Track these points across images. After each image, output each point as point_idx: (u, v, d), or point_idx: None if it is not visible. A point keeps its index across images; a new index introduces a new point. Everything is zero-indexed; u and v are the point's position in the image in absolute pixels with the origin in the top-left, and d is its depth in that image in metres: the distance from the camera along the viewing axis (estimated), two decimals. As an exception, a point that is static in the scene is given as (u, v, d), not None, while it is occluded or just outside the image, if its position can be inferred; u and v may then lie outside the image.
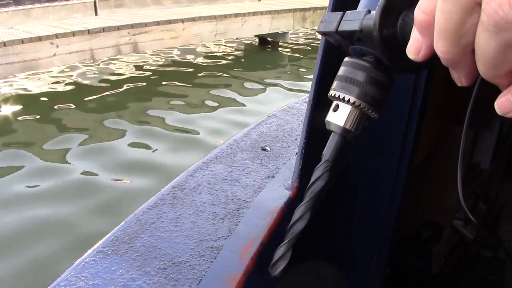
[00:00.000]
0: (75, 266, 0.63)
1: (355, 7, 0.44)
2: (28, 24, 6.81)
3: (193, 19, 7.83)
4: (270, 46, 9.68)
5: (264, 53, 9.52)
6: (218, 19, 8.17)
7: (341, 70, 0.46)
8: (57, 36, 6.34)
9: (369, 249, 1.05)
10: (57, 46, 6.36)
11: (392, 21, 0.38)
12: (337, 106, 0.46)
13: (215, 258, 0.65)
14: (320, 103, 0.75)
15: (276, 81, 7.62)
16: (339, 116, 0.46)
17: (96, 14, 7.74)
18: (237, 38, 9.50)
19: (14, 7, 7.10)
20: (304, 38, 10.63)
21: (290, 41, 9.92)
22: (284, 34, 9.51)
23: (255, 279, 0.64)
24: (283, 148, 1.00)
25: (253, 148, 0.99)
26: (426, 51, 0.34)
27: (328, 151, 0.48)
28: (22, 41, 6.04)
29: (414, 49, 0.35)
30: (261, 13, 8.83)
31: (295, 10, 9.38)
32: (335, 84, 0.46)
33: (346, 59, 0.46)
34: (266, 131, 1.09)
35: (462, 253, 1.83)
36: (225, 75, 7.80)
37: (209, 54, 8.96)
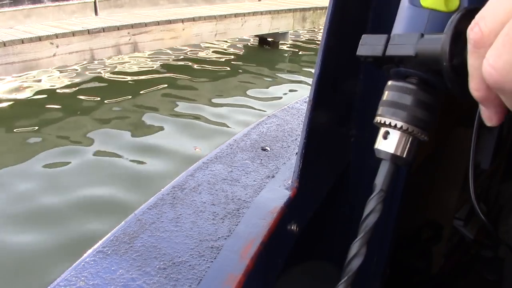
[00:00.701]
0: (75, 266, 0.63)
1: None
2: (28, 24, 6.81)
3: (193, 19, 7.84)
4: (270, 46, 9.68)
5: (264, 53, 9.51)
6: (218, 19, 8.17)
7: (386, 95, 0.44)
8: (57, 36, 6.34)
9: (369, 249, 1.05)
10: (57, 46, 6.36)
11: (460, 48, 0.36)
12: (386, 133, 0.44)
13: (215, 258, 0.65)
14: (320, 103, 0.75)
15: (276, 81, 7.62)
16: (388, 143, 0.44)
17: (96, 14, 7.74)
18: (237, 38, 9.50)
19: (14, 7, 7.10)
20: (304, 38, 10.63)
21: (290, 41, 9.91)
22: (284, 34, 9.51)
23: (255, 279, 0.64)
24: (283, 148, 1.00)
25: (253, 148, 0.99)
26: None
27: (380, 180, 0.46)
28: (22, 41, 6.04)
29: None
30: (261, 13, 8.83)
31: (295, 10, 9.38)
32: (380, 110, 0.45)
33: (390, 83, 0.45)
34: (266, 131, 1.09)
35: (462, 253, 1.83)
36: (225, 75, 7.80)
37: (209, 54, 8.95)
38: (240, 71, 8.09)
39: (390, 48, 0.42)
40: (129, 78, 7.41)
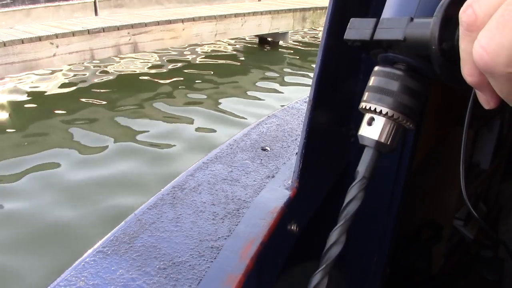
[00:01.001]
0: (75, 266, 0.63)
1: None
2: (28, 24, 6.81)
3: (193, 19, 7.83)
4: (270, 46, 9.68)
5: (264, 53, 9.51)
6: (218, 19, 8.17)
7: (373, 81, 0.43)
8: (57, 36, 6.34)
9: (369, 249, 1.05)
10: (57, 46, 6.36)
11: (451, 32, 0.35)
12: (371, 119, 0.43)
13: (215, 258, 0.65)
14: (320, 103, 0.75)
15: (275, 81, 7.62)
16: (373, 130, 0.43)
17: (96, 14, 7.74)
18: (237, 38, 9.50)
19: (14, 7, 7.10)
20: (304, 38, 10.63)
21: (290, 41, 9.91)
22: (284, 34, 9.51)
23: (255, 279, 0.64)
24: (283, 148, 1.00)
25: (253, 148, 0.99)
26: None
27: (363, 167, 0.44)
28: (22, 41, 6.04)
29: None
30: (261, 13, 8.83)
31: (295, 10, 9.38)
32: (366, 95, 0.43)
33: (377, 68, 0.43)
34: (266, 131, 1.09)
35: (462, 253, 1.83)
36: (225, 75, 7.80)
37: (208, 55, 8.95)
38: (240, 71, 8.09)
39: (379, 32, 0.41)
40: (129, 77, 7.42)
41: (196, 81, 7.36)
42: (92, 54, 6.80)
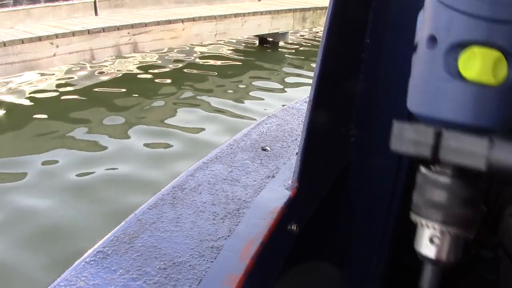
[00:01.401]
0: (75, 266, 0.63)
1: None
2: (28, 24, 6.81)
3: (193, 19, 7.84)
4: (270, 46, 9.68)
5: (264, 53, 9.51)
6: (218, 19, 8.17)
7: (428, 191, 0.38)
8: (57, 36, 6.35)
9: (369, 249, 1.05)
10: (57, 46, 6.36)
11: None
12: (433, 237, 0.39)
13: (215, 258, 0.65)
14: (320, 103, 0.75)
15: (275, 81, 7.62)
16: (434, 248, 0.39)
17: (96, 14, 7.73)
18: (237, 39, 9.50)
19: (14, 7, 7.10)
20: (304, 38, 10.62)
21: (290, 41, 9.91)
22: (284, 34, 9.51)
23: (255, 279, 0.64)
24: (283, 148, 1.00)
25: (253, 148, 0.99)
26: None
27: (426, 286, 0.41)
28: (22, 41, 6.04)
29: None
30: (261, 13, 8.83)
31: (295, 10, 9.38)
32: (418, 207, 0.38)
33: (425, 173, 0.37)
34: (266, 131, 1.09)
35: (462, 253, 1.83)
36: (225, 75, 7.80)
37: (208, 55, 8.95)
38: (240, 71, 8.08)
39: (447, 152, 0.34)
40: (130, 74, 7.43)
41: (196, 81, 7.36)
42: (92, 54, 6.81)
